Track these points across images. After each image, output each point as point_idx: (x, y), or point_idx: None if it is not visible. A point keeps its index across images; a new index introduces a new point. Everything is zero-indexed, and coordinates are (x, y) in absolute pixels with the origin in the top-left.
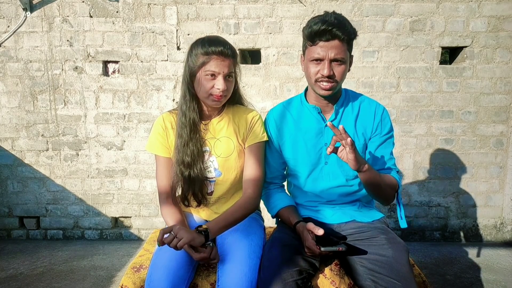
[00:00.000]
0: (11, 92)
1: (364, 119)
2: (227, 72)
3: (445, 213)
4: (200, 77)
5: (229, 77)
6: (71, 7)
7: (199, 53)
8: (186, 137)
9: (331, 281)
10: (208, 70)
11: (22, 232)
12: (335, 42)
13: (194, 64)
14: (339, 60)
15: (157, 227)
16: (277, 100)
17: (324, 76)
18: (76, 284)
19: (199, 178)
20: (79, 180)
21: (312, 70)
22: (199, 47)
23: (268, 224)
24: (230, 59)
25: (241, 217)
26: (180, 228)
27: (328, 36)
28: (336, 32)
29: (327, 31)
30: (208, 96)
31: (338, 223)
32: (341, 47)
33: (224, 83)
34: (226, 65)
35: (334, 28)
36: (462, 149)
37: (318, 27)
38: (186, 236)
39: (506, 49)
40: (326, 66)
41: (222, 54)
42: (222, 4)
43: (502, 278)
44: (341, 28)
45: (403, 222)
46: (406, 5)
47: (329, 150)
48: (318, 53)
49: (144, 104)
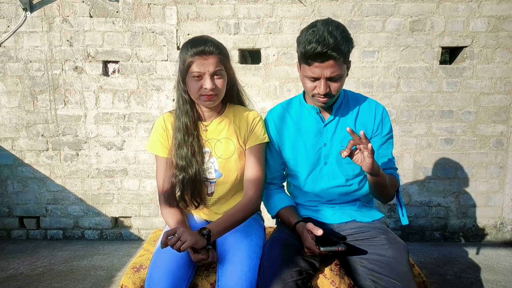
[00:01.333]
0: (11, 92)
1: (364, 119)
2: (213, 70)
3: (445, 213)
4: (188, 80)
5: (216, 74)
6: (71, 7)
7: (184, 56)
8: (180, 141)
9: (331, 281)
10: (193, 71)
11: (22, 232)
12: (330, 62)
13: (183, 68)
14: (335, 78)
15: (157, 227)
16: (277, 100)
17: (321, 94)
18: (76, 284)
19: (197, 180)
20: (79, 180)
21: (308, 86)
22: (184, 50)
23: (268, 224)
24: (213, 57)
25: (243, 219)
26: (183, 230)
27: (323, 58)
28: (331, 53)
29: (321, 53)
30: (199, 97)
31: (338, 223)
32: (337, 65)
33: (211, 82)
34: (210, 63)
35: (329, 50)
36: (462, 149)
37: (312, 50)
38: (189, 239)
39: (506, 49)
40: (323, 84)
41: (203, 53)
42: (222, 4)
43: (502, 278)
44: (337, 49)
45: (404, 219)
46: (406, 5)
47: (344, 154)
48: (313, 72)
49: (144, 104)
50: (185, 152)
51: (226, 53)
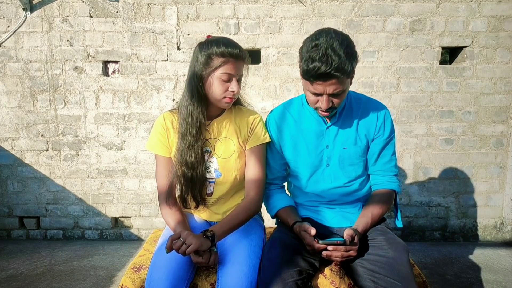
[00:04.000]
0: (11, 92)
1: (367, 120)
2: (240, 73)
3: (445, 213)
4: (213, 79)
5: (240, 79)
6: (71, 7)
7: (213, 54)
8: (191, 139)
9: (331, 281)
10: (225, 72)
11: (22, 232)
12: (333, 81)
13: (206, 65)
14: (338, 94)
15: (157, 227)
16: (277, 100)
17: (323, 109)
18: (76, 284)
19: (200, 179)
20: (79, 180)
21: (311, 99)
22: (214, 48)
23: (268, 224)
24: (244, 62)
25: (245, 220)
26: (188, 234)
27: (326, 78)
28: (334, 74)
29: (324, 74)
30: (222, 99)
31: (338, 227)
32: (340, 83)
33: (238, 85)
34: (240, 68)
35: (332, 71)
36: (462, 149)
37: (316, 69)
38: (194, 242)
39: (506, 49)
40: (325, 100)
41: (238, 57)
42: (222, 4)
43: (502, 278)
44: (340, 70)
45: (399, 222)
46: (406, 5)
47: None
48: (315, 88)
49: (144, 104)
50: (196, 150)
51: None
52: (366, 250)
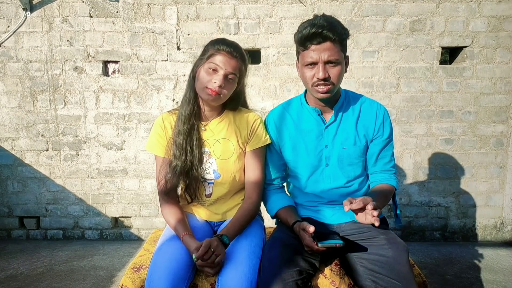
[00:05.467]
0: (11, 92)
1: (366, 120)
2: (230, 71)
3: (445, 213)
4: (201, 69)
5: (229, 78)
6: (71, 7)
7: (208, 47)
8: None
9: (331, 281)
10: (212, 62)
11: (22, 232)
12: (327, 44)
13: (201, 58)
14: (333, 61)
15: (157, 227)
16: (277, 100)
17: (320, 79)
18: (76, 284)
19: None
20: (79, 180)
21: (308, 75)
22: (212, 43)
23: (268, 224)
24: (237, 61)
25: (249, 222)
26: (217, 245)
27: (319, 38)
28: (326, 33)
29: (317, 33)
30: (204, 89)
31: (338, 224)
32: (334, 49)
33: (223, 80)
34: (230, 64)
35: (324, 30)
36: (462, 149)
37: (308, 31)
38: (223, 251)
39: (506, 49)
40: (321, 69)
41: (230, 54)
42: (222, 4)
43: (502, 278)
44: (331, 29)
45: (398, 221)
46: (406, 5)
47: (347, 208)
48: (311, 57)
49: (144, 104)
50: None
51: (246, 66)
52: (366, 249)
